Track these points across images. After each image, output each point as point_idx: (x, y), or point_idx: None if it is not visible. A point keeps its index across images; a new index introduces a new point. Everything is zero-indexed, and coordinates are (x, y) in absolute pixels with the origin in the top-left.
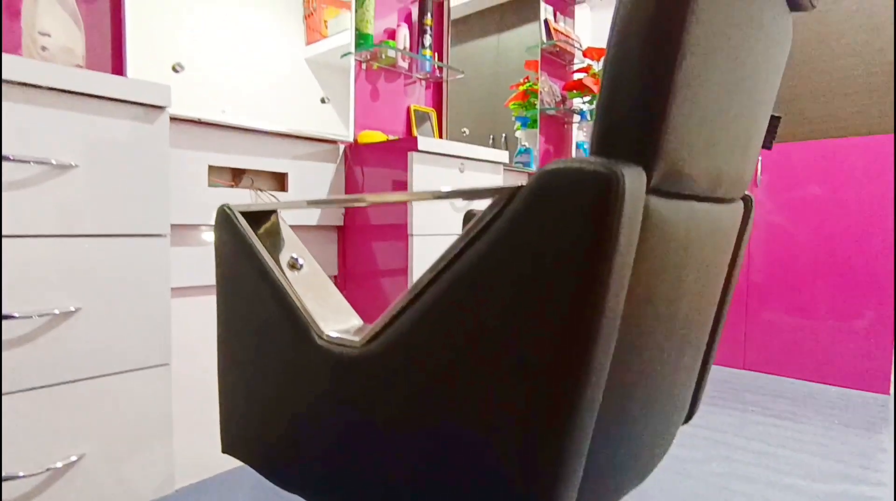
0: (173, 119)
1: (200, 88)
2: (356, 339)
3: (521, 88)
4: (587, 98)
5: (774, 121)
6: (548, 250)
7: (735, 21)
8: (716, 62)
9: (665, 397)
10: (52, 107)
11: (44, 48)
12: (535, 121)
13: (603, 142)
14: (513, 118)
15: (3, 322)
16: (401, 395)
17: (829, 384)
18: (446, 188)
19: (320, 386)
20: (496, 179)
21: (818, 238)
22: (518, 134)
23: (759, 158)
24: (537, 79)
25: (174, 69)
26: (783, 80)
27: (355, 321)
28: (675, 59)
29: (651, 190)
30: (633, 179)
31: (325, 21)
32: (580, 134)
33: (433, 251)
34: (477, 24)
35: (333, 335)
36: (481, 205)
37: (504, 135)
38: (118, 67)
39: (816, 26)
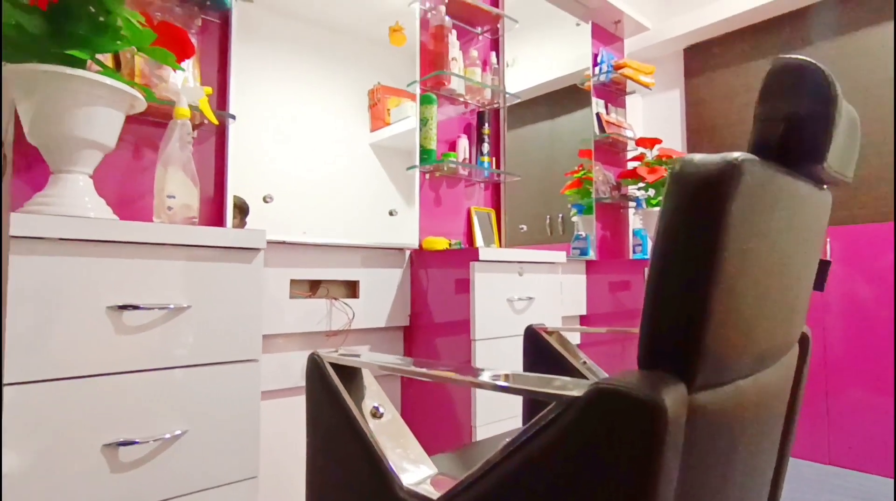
0: None
1: (285, 212)
2: (434, 496)
3: (576, 176)
4: (641, 185)
5: (824, 265)
6: (600, 454)
7: (768, 219)
8: (753, 261)
9: None
10: (173, 259)
11: (169, 208)
12: (590, 208)
13: (648, 356)
14: (569, 205)
15: (127, 448)
16: None
17: None
18: (507, 293)
19: None
20: (554, 278)
21: None
22: (574, 219)
23: (828, 239)
24: (591, 167)
25: (265, 200)
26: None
27: (429, 469)
28: (711, 279)
29: (695, 388)
30: (676, 399)
31: (389, 110)
32: (636, 220)
33: (495, 352)
34: (530, 111)
35: (413, 488)
36: (540, 311)
37: (560, 216)
38: (219, 209)
39: (874, 112)
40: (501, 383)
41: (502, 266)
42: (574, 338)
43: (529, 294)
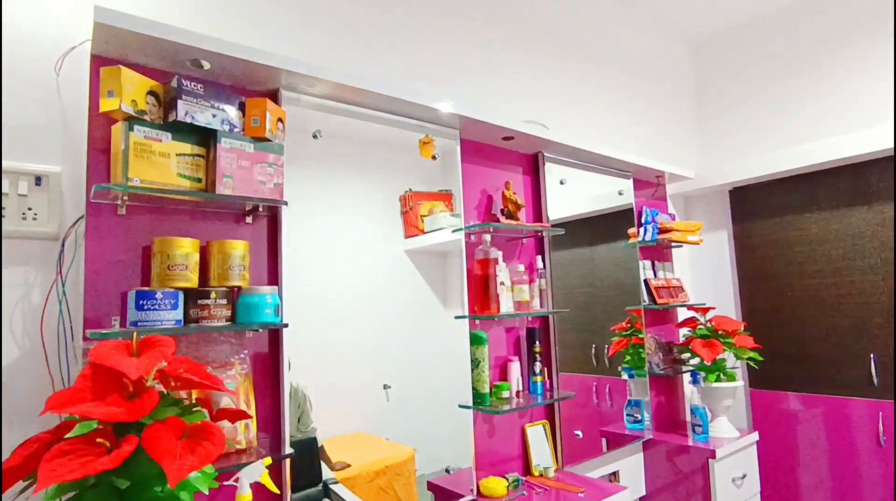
0: None
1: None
2: None
3: (623, 333)
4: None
5: None
6: None
7: None
8: None
9: None
10: None
11: None
12: (643, 374)
13: None
14: (620, 368)
15: None
16: None
17: None
18: None
19: None
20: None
21: None
22: (624, 377)
23: None
24: (637, 324)
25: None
26: None
27: None
28: None
29: None
30: None
31: (422, 216)
32: (694, 393)
33: None
34: (569, 236)
35: None
36: None
37: (606, 346)
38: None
39: None
40: None
41: None
42: None
43: None
